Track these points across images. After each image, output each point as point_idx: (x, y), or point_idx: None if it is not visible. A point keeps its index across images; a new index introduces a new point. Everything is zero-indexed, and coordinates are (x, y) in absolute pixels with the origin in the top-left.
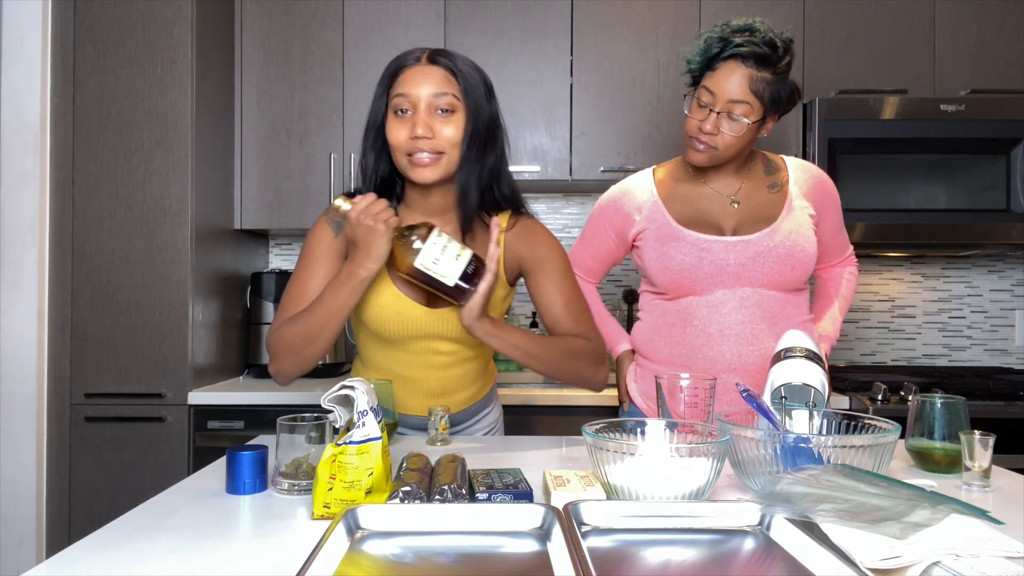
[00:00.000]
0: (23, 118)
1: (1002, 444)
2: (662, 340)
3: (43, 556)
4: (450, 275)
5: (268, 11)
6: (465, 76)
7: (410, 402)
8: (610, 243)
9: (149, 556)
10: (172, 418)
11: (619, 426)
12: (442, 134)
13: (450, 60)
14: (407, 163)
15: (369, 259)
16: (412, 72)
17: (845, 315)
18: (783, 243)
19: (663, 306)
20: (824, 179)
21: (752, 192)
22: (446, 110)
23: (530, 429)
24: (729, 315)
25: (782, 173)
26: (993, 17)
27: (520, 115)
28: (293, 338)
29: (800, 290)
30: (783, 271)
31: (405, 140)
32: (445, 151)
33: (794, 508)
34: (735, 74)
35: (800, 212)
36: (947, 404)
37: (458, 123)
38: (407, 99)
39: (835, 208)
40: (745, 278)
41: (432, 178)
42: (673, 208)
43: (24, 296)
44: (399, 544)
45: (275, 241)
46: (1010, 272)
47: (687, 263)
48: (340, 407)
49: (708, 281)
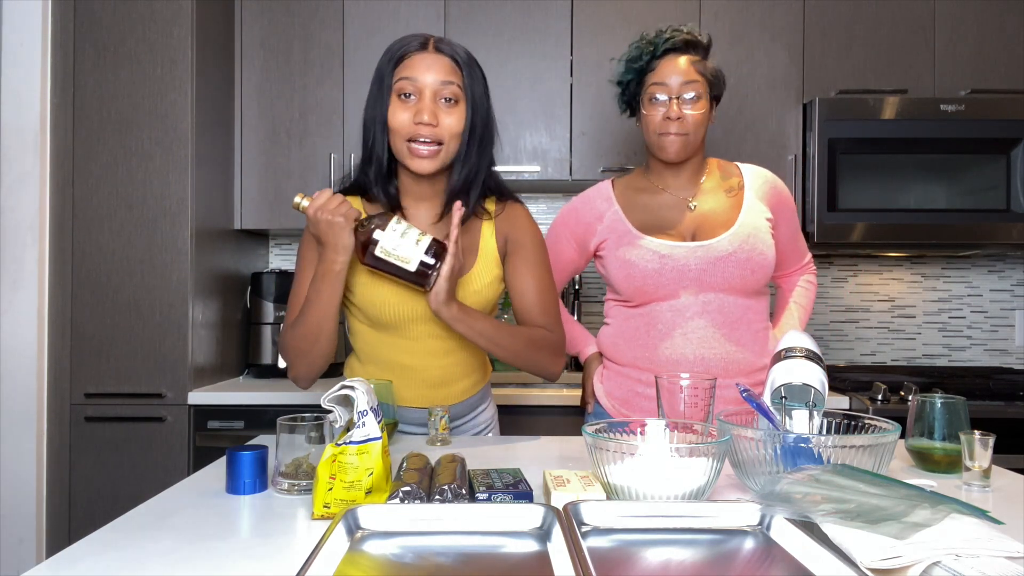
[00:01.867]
0: (23, 118)
1: (1002, 444)
2: (626, 344)
3: (43, 556)
4: (412, 260)
5: (268, 11)
6: (469, 68)
7: (408, 394)
8: (571, 252)
9: (149, 556)
10: (172, 418)
11: (619, 426)
12: (444, 123)
13: (454, 50)
14: (406, 150)
15: (336, 252)
16: (419, 58)
17: (805, 323)
18: (742, 247)
19: (627, 312)
20: (779, 184)
21: (709, 195)
22: (449, 99)
23: (530, 429)
24: (691, 319)
25: (737, 178)
26: (993, 17)
27: (520, 115)
28: (297, 342)
29: (760, 294)
30: (743, 275)
31: (407, 123)
32: (445, 141)
33: (794, 508)
34: (676, 61)
35: (757, 215)
36: (947, 404)
37: (460, 114)
38: (413, 83)
39: (791, 213)
40: (706, 283)
41: (430, 169)
42: (633, 216)
43: (24, 296)
44: (399, 544)
45: (275, 241)
46: (1010, 272)
47: (649, 269)
48: (340, 407)
49: (671, 287)
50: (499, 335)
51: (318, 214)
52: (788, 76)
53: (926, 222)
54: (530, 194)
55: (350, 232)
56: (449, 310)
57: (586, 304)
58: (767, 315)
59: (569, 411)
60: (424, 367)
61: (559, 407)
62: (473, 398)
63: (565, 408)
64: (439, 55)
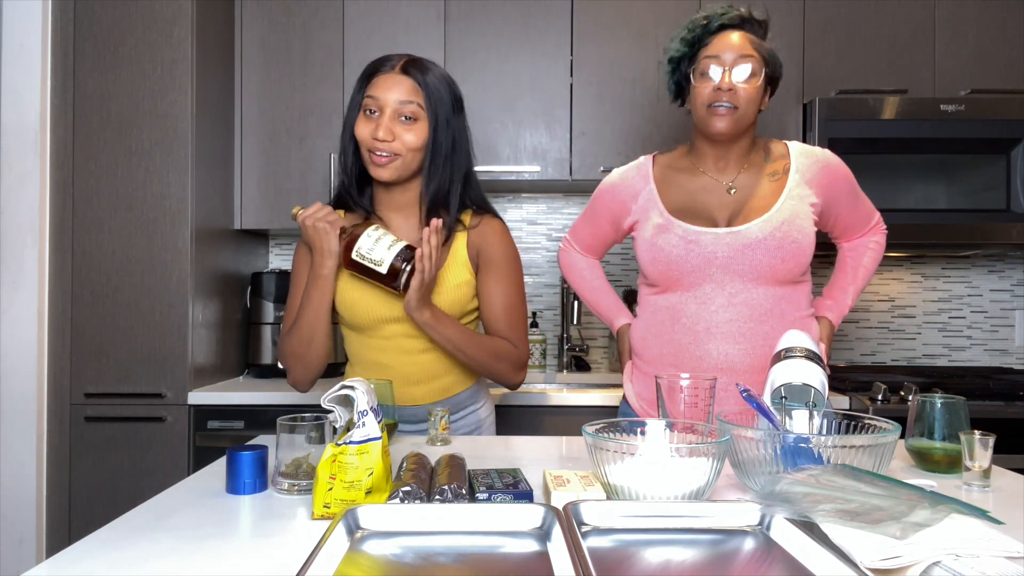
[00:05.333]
0: (23, 118)
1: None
2: (653, 339)
3: (43, 556)
4: (384, 262)
5: (268, 11)
6: (432, 89)
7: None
8: (606, 227)
9: (149, 556)
10: (172, 418)
11: (619, 426)
12: (402, 138)
13: (421, 73)
14: (368, 158)
15: (323, 256)
16: (384, 78)
17: (867, 282)
18: (773, 234)
19: (655, 302)
20: (830, 162)
21: (750, 180)
22: (409, 117)
23: (530, 429)
24: (717, 312)
25: (783, 160)
26: (993, 17)
27: (520, 115)
28: (293, 347)
29: (796, 283)
30: (773, 263)
31: (367, 137)
32: (402, 154)
33: (794, 508)
34: (731, 36)
35: (798, 202)
36: (947, 404)
37: (419, 131)
38: (376, 102)
39: (847, 187)
40: (734, 271)
41: (387, 177)
42: (667, 197)
43: (24, 296)
44: (399, 544)
45: (275, 241)
46: (1010, 272)
47: (675, 255)
48: (340, 407)
49: (696, 274)
50: (465, 343)
51: (307, 221)
52: (788, 76)
53: (926, 222)
54: (530, 194)
55: (335, 237)
56: (421, 315)
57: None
58: (805, 303)
59: (569, 411)
60: (399, 364)
61: (559, 407)
62: (460, 395)
63: (565, 408)
64: (403, 76)
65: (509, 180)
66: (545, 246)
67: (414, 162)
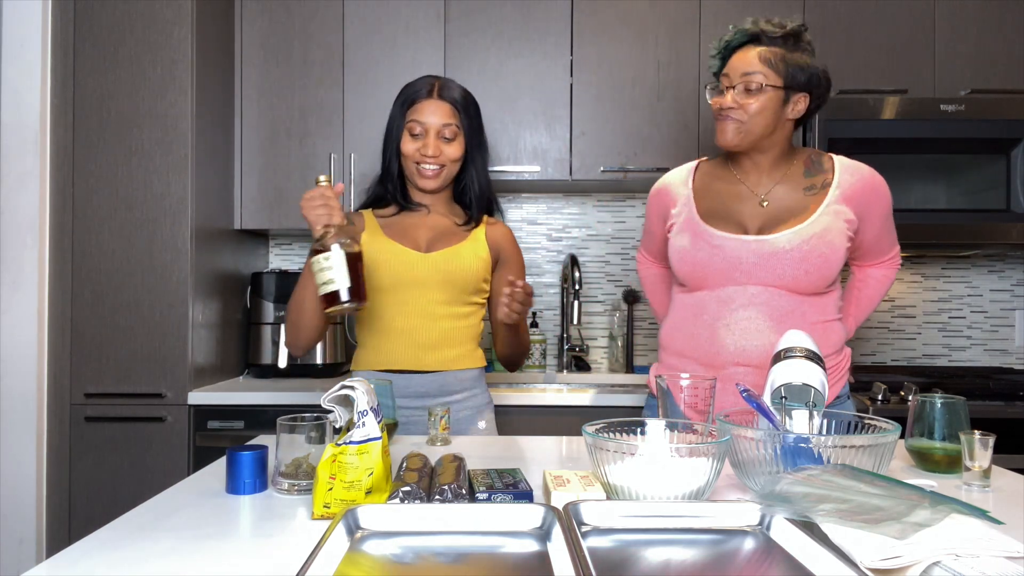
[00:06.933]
0: (23, 118)
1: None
2: (679, 333)
3: (43, 556)
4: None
5: (268, 11)
6: (464, 108)
7: (402, 356)
8: (660, 226)
9: (149, 556)
10: (172, 418)
11: (619, 426)
12: (445, 153)
13: (453, 96)
14: (415, 170)
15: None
16: (425, 104)
17: (869, 314)
18: (800, 247)
19: (682, 300)
20: (875, 182)
21: (785, 193)
22: (449, 138)
23: (530, 429)
24: (736, 310)
25: (826, 175)
26: (993, 17)
27: (520, 115)
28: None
29: (821, 293)
30: (796, 275)
31: (415, 153)
32: (446, 165)
33: (794, 508)
34: (747, 55)
35: (834, 217)
36: (947, 404)
37: (458, 146)
38: (421, 126)
39: (881, 212)
40: (757, 277)
41: (435, 187)
42: (702, 202)
43: (24, 296)
44: (399, 544)
45: (275, 241)
46: (1010, 272)
47: (700, 258)
48: (340, 407)
49: (720, 277)
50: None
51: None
52: None
53: (926, 222)
54: (530, 194)
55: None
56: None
57: (586, 304)
58: (832, 309)
59: (569, 411)
60: (416, 328)
61: (559, 407)
62: (463, 372)
63: (565, 408)
64: (441, 102)
65: (509, 180)
66: (545, 246)
67: (454, 171)
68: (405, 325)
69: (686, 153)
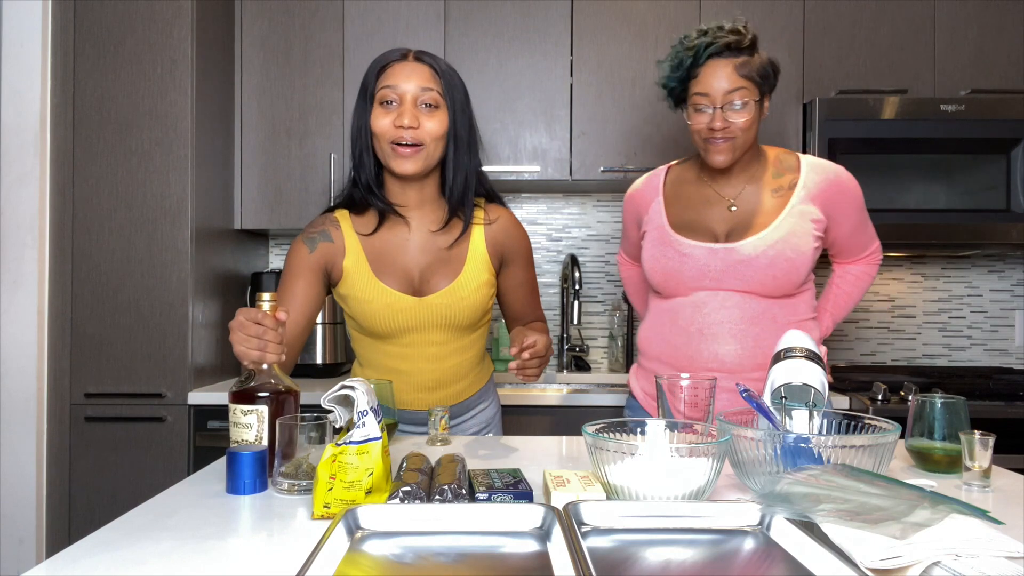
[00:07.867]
0: (23, 118)
1: (1002, 444)
2: (656, 338)
3: (43, 556)
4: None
5: (268, 11)
6: (448, 77)
7: (405, 397)
8: (636, 234)
9: (149, 556)
10: (172, 418)
11: (619, 426)
12: (425, 127)
13: (434, 61)
14: (390, 151)
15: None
16: (399, 67)
17: (848, 311)
18: (766, 252)
19: (658, 305)
20: (841, 179)
21: (754, 195)
22: (430, 105)
23: (530, 429)
24: (709, 315)
25: (792, 175)
26: (993, 17)
27: (520, 115)
28: None
29: (790, 295)
30: (764, 280)
31: (389, 127)
32: (426, 143)
33: (794, 508)
34: (720, 70)
35: (799, 219)
36: (947, 404)
37: (440, 119)
38: (394, 91)
39: (852, 208)
40: (727, 283)
41: (412, 170)
42: (672, 210)
43: (24, 296)
44: (399, 544)
45: (275, 241)
46: (1010, 272)
47: (670, 267)
48: (340, 407)
49: (690, 284)
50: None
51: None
52: (788, 76)
53: (926, 222)
54: (530, 194)
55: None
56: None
57: (586, 304)
58: (804, 309)
59: (569, 411)
60: (418, 371)
61: (559, 407)
62: (471, 399)
63: (565, 408)
64: (419, 63)
65: (509, 180)
66: (545, 246)
67: (436, 152)
68: (404, 368)
69: (686, 153)
